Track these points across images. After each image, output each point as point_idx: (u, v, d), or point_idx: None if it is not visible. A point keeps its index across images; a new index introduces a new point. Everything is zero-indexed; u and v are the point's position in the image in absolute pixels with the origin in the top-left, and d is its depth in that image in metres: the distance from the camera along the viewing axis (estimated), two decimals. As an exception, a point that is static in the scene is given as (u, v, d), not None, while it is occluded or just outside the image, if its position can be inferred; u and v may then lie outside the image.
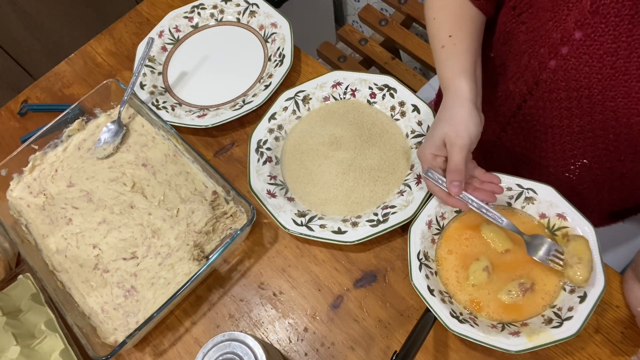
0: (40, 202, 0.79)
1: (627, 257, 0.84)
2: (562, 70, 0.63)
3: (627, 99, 0.59)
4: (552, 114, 0.69)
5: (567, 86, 0.64)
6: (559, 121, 0.69)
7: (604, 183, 0.73)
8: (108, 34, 0.99)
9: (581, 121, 0.66)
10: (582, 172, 0.73)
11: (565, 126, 0.69)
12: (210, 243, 0.73)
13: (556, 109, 0.67)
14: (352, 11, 1.96)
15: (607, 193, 0.76)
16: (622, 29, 0.56)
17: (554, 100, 0.67)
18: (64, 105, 0.90)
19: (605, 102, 0.62)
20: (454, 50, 0.68)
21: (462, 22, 0.70)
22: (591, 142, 0.68)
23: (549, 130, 0.71)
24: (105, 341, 0.67)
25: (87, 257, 0.73)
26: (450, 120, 0.63)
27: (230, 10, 0.95)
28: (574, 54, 0.61)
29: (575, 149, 0.70)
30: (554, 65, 0.63)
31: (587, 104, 0.63)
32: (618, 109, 0.61)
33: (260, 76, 0.88)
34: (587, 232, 0.62)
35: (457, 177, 0.61)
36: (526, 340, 0.57)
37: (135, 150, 0.82)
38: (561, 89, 0.65)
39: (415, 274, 0.63)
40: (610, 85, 0.60)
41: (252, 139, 0.79)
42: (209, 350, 0.54)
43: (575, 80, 0.62)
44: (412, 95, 0.79)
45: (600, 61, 0.59)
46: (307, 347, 0.66)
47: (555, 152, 0.73)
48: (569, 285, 0.61)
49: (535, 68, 0.66)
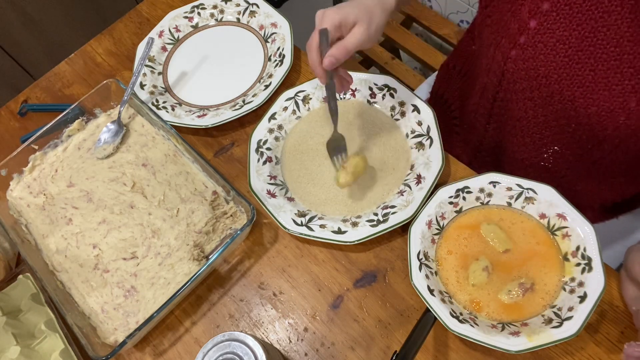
0: (40, 202, 0.79)
1: (622, 253, 0.85)
2: (521, 60, 0.64)
3: (582, 88, 0.60)
4: (519, 105, 0.70)
5: (527, 75, 0.65)
6: (525, 112, 0.70)
7: (581, 170, 0.74)
8: (108, 34, 0.99)
9: (545, 110, 0.68)
10: (556, 159, 0.74)
11: (531, 117, 0.70)
12: (210, 243, 0.73)
13: (521, 99, 0.69)
14: (352, 11, 1.96)
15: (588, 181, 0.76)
16: (572, 17, 0.57)
17: (518, 90, 0.68)
18: (64, 105, 0.90)
19: (563, 92, 0.63)
20: None
21: None
22: (557, 130, 0.69)
23: (517, 122, 0.73)
24: (105, 341, 0.67)
25: (87, 257, 0.73)
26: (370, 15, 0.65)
27: (230, 10, 0.95)
28: (530, 43, 0.62)
29: (544, 138, 0.72)
30: (514, 55, 0.65)
31: (546, 92, 0.65)
32: (575, 99, 0.62)
33: (260, 76, 0.88)
34: (587, 232, 0.62)
35: (340, 55, 0.63)
36: (526, 340, 0.57)
37: (135, 150, 0.82)
38: (522, 78, 0.66)
39: (415, 274, 0.63)
40: (565, 74, 0.61)
41: (252, 139, 0.79)
42: (209, 350, 0.54)
43: (533, 70, 0.64)
44: (412, 95, 0.79)
45: (553, 49, 0.60)
46: (307, 347, 0.66)
47: (527, 142, 0.75)
48: (568, 285, 0.61)
49: (499, 59, 0.67)
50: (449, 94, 0.94)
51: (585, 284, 0.59)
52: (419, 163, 0.73)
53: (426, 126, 0.76)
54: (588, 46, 0.58)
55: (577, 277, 0.61)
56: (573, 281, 0.61)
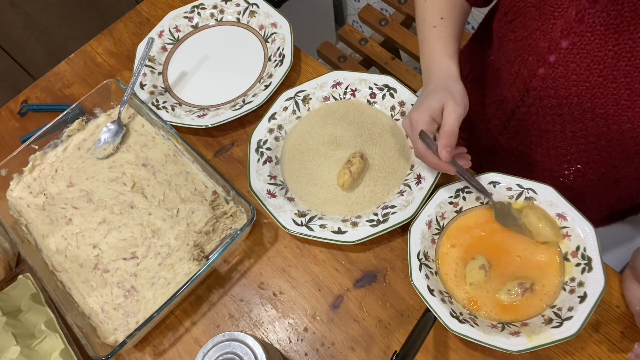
0: (40, 202, 0.79)
1: (626, 256, 0.84)
2: (550, 78, 0.63)
3: (616, 106, 0.60)
4: (545, 120, 0.69)
5: (557, 94, 0.64)
6: (552, 127, 0.69)
7: (600, 188, 0.74)
8: (108, 34, 0.99)
9: (573, 127, 0.67)
10: (577, 177, 0.73)
11: (558, 132, 0.69)
12: (210, 243, 0.73)
13: (548, 115, 0.68)
14: (352, 11, 1.96)
15: (604, 196, 0.76)
16: (608, 37, 0.57)
17: (545, 106, 0.67)
18: (64, 105, 0.90)
19: (595, 110, 0.62)
20: (445, 32, 0.71)
21: (453, 7, 0.73)
22: (584, 147, 0.68)
23: (542, 136, 0.72)
24: (105, 341, 0.67)
25: (87, 257, 0.73)
26: (448, 90, 0.64)
27: (230, 10, 0.95)
28: (561, 63, 0.61)
29: (568, 155, 0.71)
30: (543, 73, 0.64)
31: (577, 111, 0.64)
32: (608, 117, 0.61)
33: (260, 76, 0.88)
34: (587, 232, 0.62)
35: (451, 141, 0.62)
36: (526, 340, 0.57)
37: (135, 150, 0.82)
38: (551, 96, 0.65)
39: (415, 274, 0.63)
40: (599, 93, 0.60)
41: (252, 138, 0.79)
42: (209, 350, 0.54)
43: (564, 88, 0.63)
44: (412, 95, 0.79)
45: (587, 69, 0.60)
46: (307, 347, 0.66)
47: (549, 157, 0.74)
48: (568, 285, 0.61)
49: (525, 76, 0.67)
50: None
51: (585, 284, 0.59)
52: (419, 163, 0.73)
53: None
54: (625, 65, 0.57)
55: (577, 277, 0.61)
56: (573, 281, 0.61)
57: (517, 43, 0.66)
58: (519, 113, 0.72)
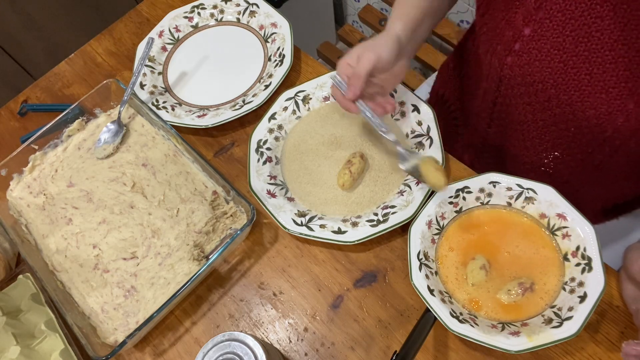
0: (40, 202, 0.79)
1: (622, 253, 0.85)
2: (517, 66, 0.65)
3: (578, 92, 0.61)
4: (518, 110, 0.71)
5: (524, 81, 0.66)
6: (524, 116, 0.71)
7: (582, 175, 0.74)
8: (108, 34, 0.99)
9: (543, 115, 0.68)
10: (557, 164, 0.75)
11: (530, 121, 0.71)
12: (210, 243, 0.73)
13: (520, 104, 0.70)
14: (352, 11, 1.96)
15: (591, 186, 0.76)
16: (566, 24, 0.58)
17: (516, 95, 0.69)
18: (64, 105, 0.90)
19: (560, 96, 0.63)
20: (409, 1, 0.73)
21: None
22: (557, 135, 0.70)
23: (518, 126, 0.74)
24: (105, 341, 0.67)
25: (87, 257, 0.73)
26: (372, 42, 0.68)
27: (230, 10, 0.95)
28: (525, 50, 0.63)
29: (544, 143, 0.72)
30: (511, 62, 0.65)
31: (543, 98, 0.66)
32: (572, 103, 0.63)
33: (260, 76, 0.88)
34: (587, 232, 0.62)
35: (356, 82, 0.66)
36: (526, 340, 0.57)
37: (135, 150, 0.82)
38: (520, 84, 0.67)
39: (415, 274, 0.63)
40: (561, 79, 0.62)
41: (252, 139, 0.79)
42: (209, 350, 0.54)
43: (529, 75, 0.65)
44: (412, 95, 0.79)
45: (548, 56, 0.61)
46: (307, 347, 0.66)
47: (527, 147, 0.75)
48: (568, 285, 0.61)
49: (496, 65, 0.68)
50: (449, 95, 0.94)
51: (585, 284, 0.59)
52: None
53: (426, 126, 0.76)
54: (583, 51, 0.58)
55: (577, 277, 0.61)
56: (573, 281, 0.61)
57: (489, 34, 0.68)
58: (499, 104, 0.74)
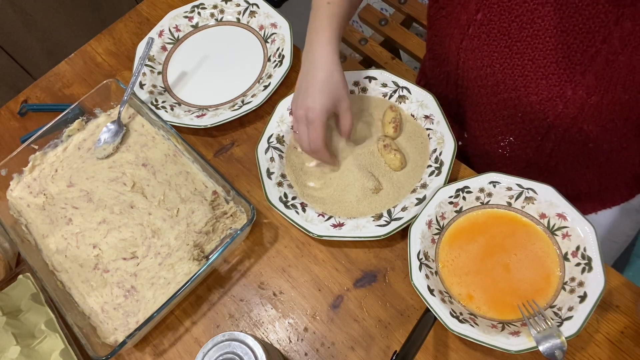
0: (40, 202, 0.79)
1: (609, 248, 0.86)
2: (470, 49, 0.67)
3: (522, 77, 0.63)
4: (473, 93, 0.73)
5: (475, 65, 0.68)
6: (480, 99, 0.72)
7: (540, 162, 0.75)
8: (108, 34, 0.99)
9: (494, 99, 0.70)
10: (513, 149, 0.76)
11: (485, 104, 0.72)
12: (210, 243, 0.73)
13: (475, 87, 0.71)
14: (352, 11, 1.96)
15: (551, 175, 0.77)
16: (512, 9, 0.60)
17: (471, 79, 0.71)
18: (64, 105, 0.90)
19: (506, 81, 0.65)
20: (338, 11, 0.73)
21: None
22: (509, 120, 0.71)
23: (476, 108, 0.75)
24: (105, 341, 0.67)
25: (87, 257, 0.73)
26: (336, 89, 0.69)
27: (230, 10, 0.95)
28: (476, 34, 0.65)
29: (499, 127, 0.74)
30: (465, 46, 0.67)
31: (492, 82, 0.67)
32: (518, 88, 0.65)
33: (259, 76, 0.88)
34: (587, 232, 0.62)
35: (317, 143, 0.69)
36: (526, 340, 0.57)
37: (135, 150, 0.82)
38: (472, 67, 0.69)
39: (415, 273, 0.63)
40: (507, 64, 0.64)
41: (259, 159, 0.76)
42: (209, 350, 0.54)
43: (479, 59, 0.67)
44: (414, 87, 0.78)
45: (495, 40, 0.63)
46: (307, 347, 0.66)
47: (485, 129, 0.77)
48: (568, 285, 0.61)
49: (453, 49, 0.70)
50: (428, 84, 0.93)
51: (585, 284, 0.59)
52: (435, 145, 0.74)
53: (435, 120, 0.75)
54: (526, 37, 0.60)
55: (577, 277, 0.61)
56: (573, 281, 0.61)
57: (446, 19, 0.70)
58: (459, 87, 0.75)
